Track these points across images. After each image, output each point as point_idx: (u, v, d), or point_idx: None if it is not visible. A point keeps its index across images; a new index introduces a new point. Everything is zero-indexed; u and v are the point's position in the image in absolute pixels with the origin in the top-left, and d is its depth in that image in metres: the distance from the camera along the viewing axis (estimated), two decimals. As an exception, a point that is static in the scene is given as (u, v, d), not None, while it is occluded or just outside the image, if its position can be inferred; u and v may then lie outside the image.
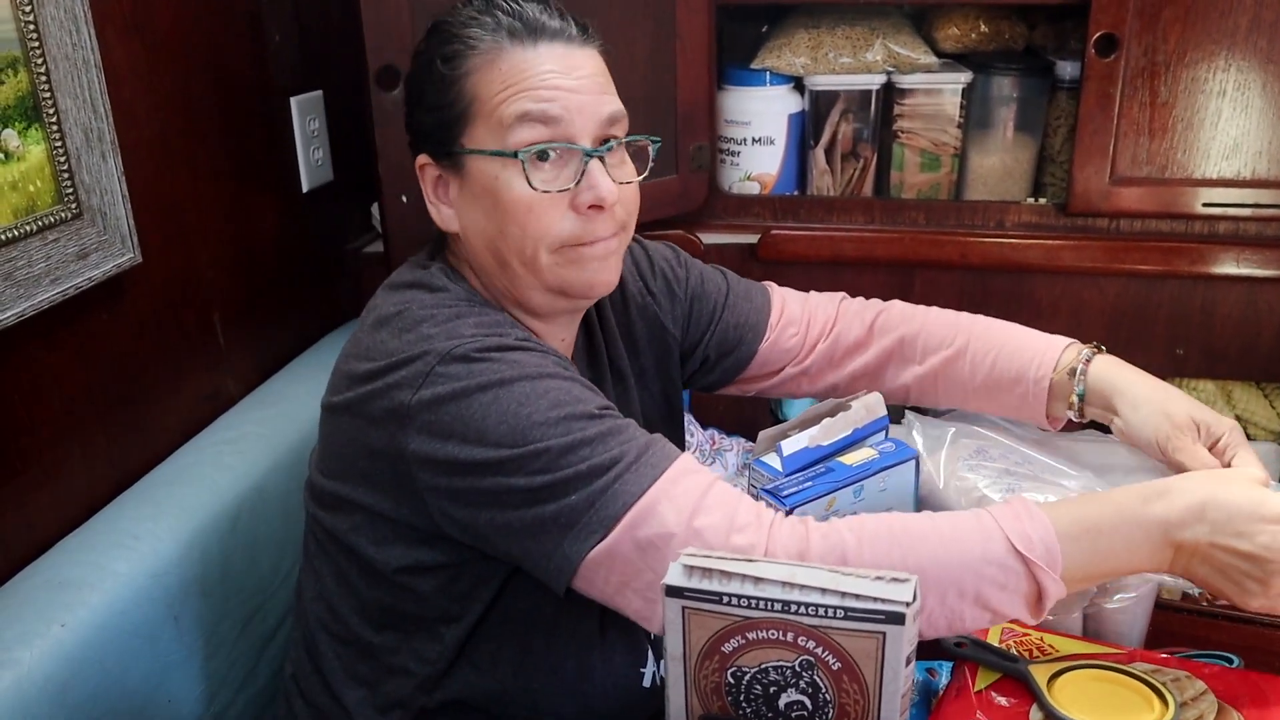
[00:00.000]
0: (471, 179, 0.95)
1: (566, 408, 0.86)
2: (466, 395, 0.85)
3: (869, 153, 1.72)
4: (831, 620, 0.75)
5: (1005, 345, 1.14)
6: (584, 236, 0.95)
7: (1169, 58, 1.50)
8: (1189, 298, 1.61)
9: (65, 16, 1.07)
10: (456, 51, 0.94)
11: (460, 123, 0.94)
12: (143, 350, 1.24)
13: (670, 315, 1.18)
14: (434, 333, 0.89)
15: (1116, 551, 0.85)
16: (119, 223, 1.16)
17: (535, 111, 0.91)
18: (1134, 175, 1.57)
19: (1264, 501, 0.84)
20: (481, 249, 0.97)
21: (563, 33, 0.95)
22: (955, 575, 0.83)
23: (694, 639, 0.79)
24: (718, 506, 0.85)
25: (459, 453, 0.85)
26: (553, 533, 0.84)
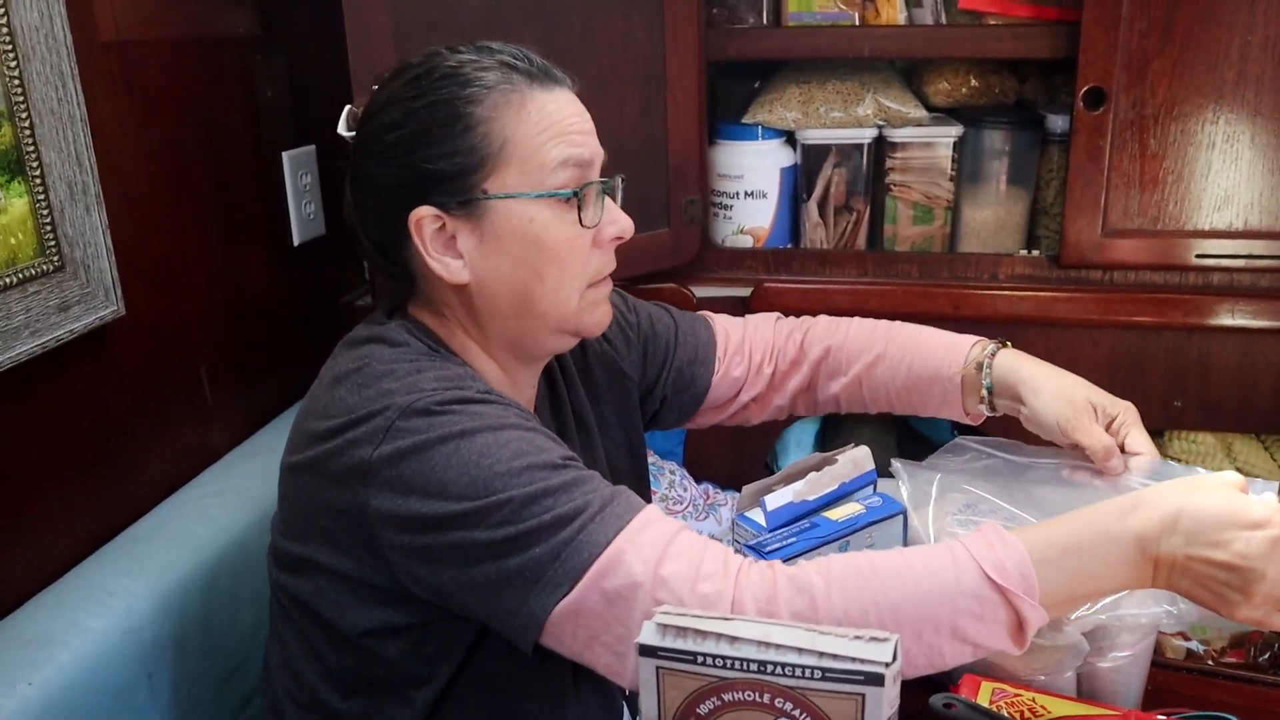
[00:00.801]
0: (497, 225, 0.92)
1: (529, 458, 0.85)
2: (427, 449, 0.84)
3: (862, 206, 1.73)
4: (809, 681, 0.73)
5: (919, 347, 1.19)
6: (605, 270, 0.98)
7: (1157, 110, 1.51)
8: (1184, 350, 1.60)
9: (51, 73, 1.07)
10: (475, 95, 0.91)
11: (485, 167, 0.91)
12: (126, 403, 1.24)
13: (627, 360, 1.18)
14: (394, 387, 0.88)
15: (1094, 571, 0.82)
16: (102, 275, 1.16)
17: (574, 156, 0.94)
18: (1126, 227, 1.57)
19: (1237, 507, 0.82)
20: (502, 297, 0.94)
21: (566, 80, 0.98)
22: (930, 611, 0.81)
23: (669, 699, 0.77)
24: (683, 554, 0.83)
25: (421, 508, 0.83)
26: (518, 587, 0.82)
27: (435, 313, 0.99)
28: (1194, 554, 0.81)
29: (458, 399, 0.87)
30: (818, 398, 1.25)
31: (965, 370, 1.15)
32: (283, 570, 0.96)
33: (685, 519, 1.61)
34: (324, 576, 0.91)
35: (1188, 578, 0.82)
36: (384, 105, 0.94)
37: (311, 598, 0.93)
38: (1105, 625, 0.95)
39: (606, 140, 1.50)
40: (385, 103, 0.94)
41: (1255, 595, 0.80)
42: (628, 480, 1.13)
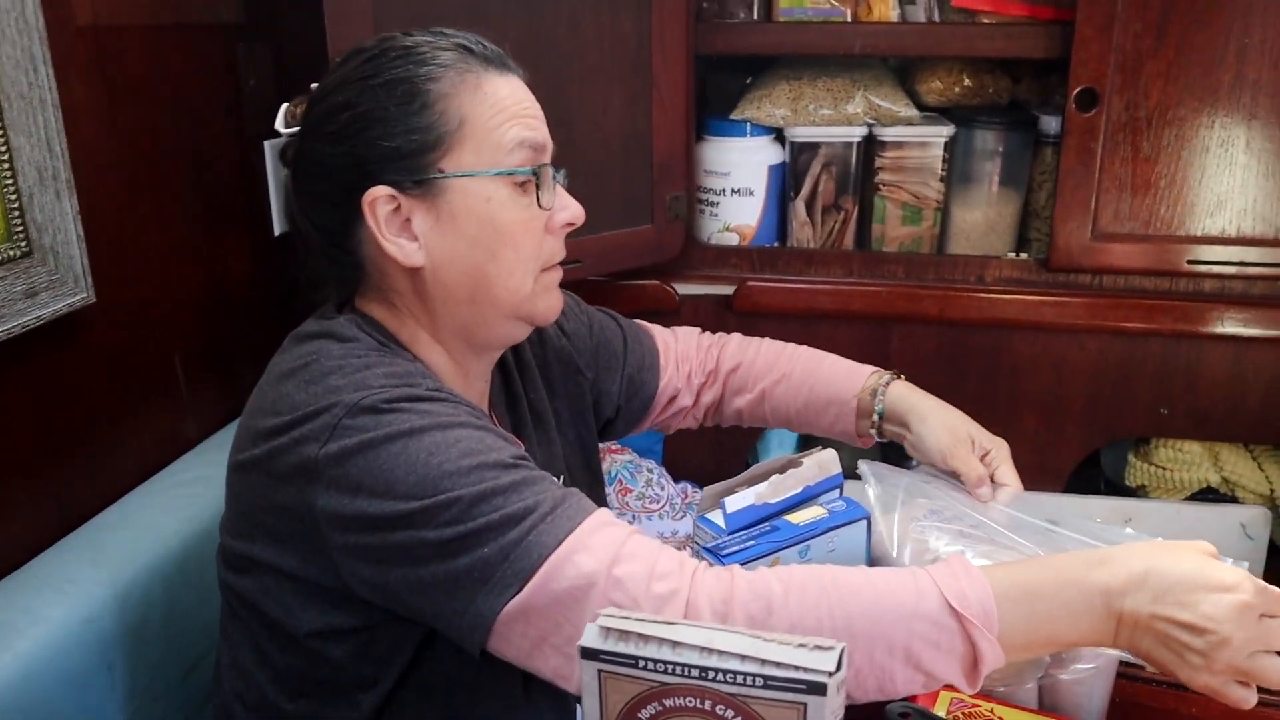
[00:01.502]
0: (453, 204, 0.92)
1: (478, 456, 0.83)
2: (375, 447, 0.83)
3: (850, 205, 1.71)
4: (750, 689, 0.72)
5: (820, 371, 1.26)
6: (557, 256, 0.98)
7: (1151, 113, 1.49)
8: (1173, 357, 1.58)
9: (22, 56, 1.07)
10: (431, 73, 0.91)
11: (441, 145, 0.91)
12: (96, 390, 1.23)
13: (583, 358, 1.19)
14: (342, 384, 0.86)
15: (1056, 617, 0.81)
16: (72, 262, 1.15)
17: (530, 139, 0.94)
18: (1117, 231, 1.55)
19: (1206, 571, 0.81)
20: (458, 279, 0.94)
21: (518, 69, 0.98)
22: (885, 629, 0.79)
23: (611, 703, 0.76)
24: (638, 555, 0.82)
25: (368, 507, 0.82)
26: (466, 588, 0.81)
27: (385, 303, 0.97)
28: (1159, 613, 0.79)
29: (407, 396, 0.86)
30: (724, 411, 1.31)
31: (861, 396, 1.21)
32: (230, 570, 0.95)
33: (662, 517, 1.60)
34: (270, 576, 0.90)
35: (1150, 636, 0.80)
36: (336, 86, 0.93)
37: (258, 598, 0.92)
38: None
39: (591, 134, 1.49)
40: (338, 84, 0.93)
41: (1217, 661, 0.79)
42: (581, 478, 1.12)
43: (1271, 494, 1.62)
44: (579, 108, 1.48)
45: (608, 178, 1.53)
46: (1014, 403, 1.64)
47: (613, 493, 1.58)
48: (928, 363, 1.65)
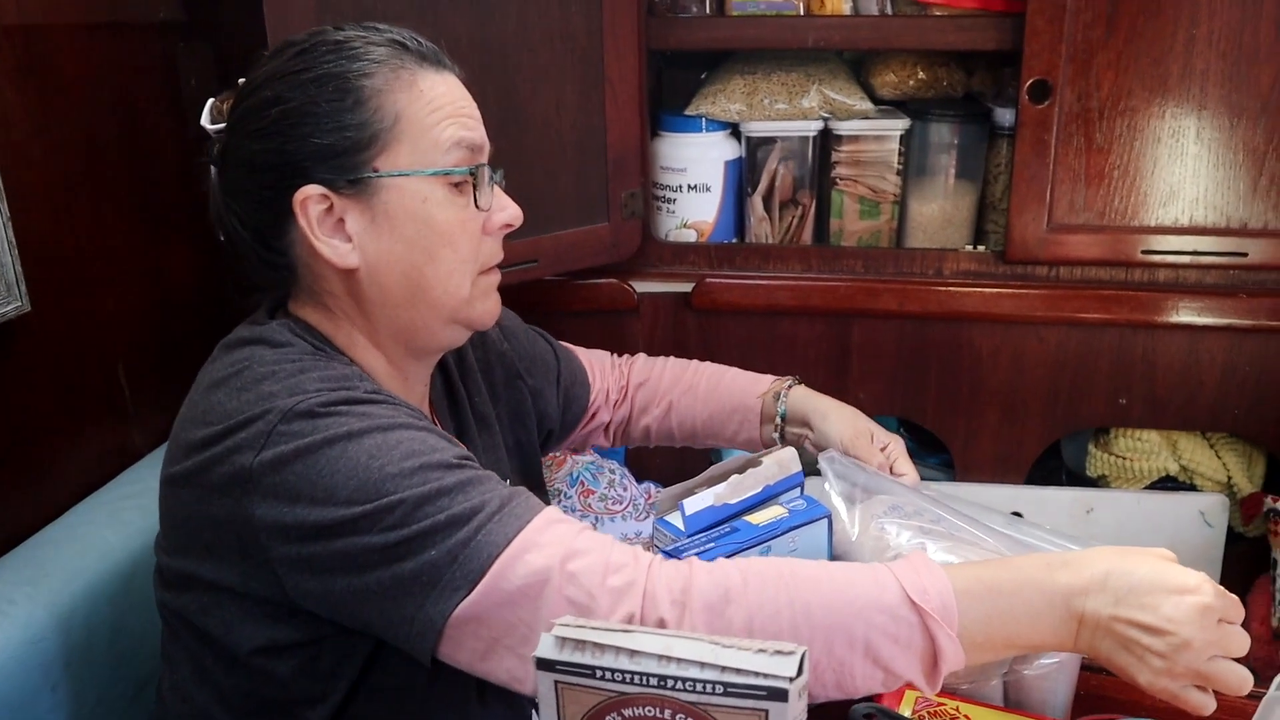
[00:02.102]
0: (388, 204, 0.89)
1: (421, 457, 0.81)
2: (312, 452, 0.80)
3: (808, 200, 1.70)
4: (710, 696, 0.70)
5: (722, 382, 1.30)
6: (496, 258, 0.97)
7: (1103, 104, 1.49)
8: (1130, 346, 1.59)
9: (-55, 57, 1.03)
10: (364, 69, 0.88)
11: (375, 143, 0.88)
12: (34, 403, 1.19)
13: (523, 363, 1.18)
14: (275, 390, 0.83)
15: (1017, 616, 0.80)
16: (4, 270, 1.11)
17: (467, 138, 0.92)
18: (1072, 222, 1.55)
19: (1168, 574, 0.80)
20: (394, 281, 0.91)
21: (454, 67, 0.96)
22: (844, 621, 0.78)
23: (569, 714, 0.74)
24: (591, 550, 0.80)
25: (308, 515, 0.79)
26: (414, 593, 0.78)
27: (319, 305, 0.94)
28: (1120, 614, 0.79)
29: (344, 399, 0.83)
30: (632, 430, 1.34)
31: (764, 400, 1.25)
32: (167, 589, 0.92)
33: (625, 519, 1.58)
34: (209, 593, 0.87)
35: (1110, 639, 0.80)
36: (265, 81, 0.89)
37: (198, 616, 0.88)
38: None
39: (544, 132, 1.47)
40: (266, 78, 0.89)
41: (1177, 664, 0.78)
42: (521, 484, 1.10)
43: (1229, 481, 1.63)
44: (530, 105, 1.45)
45: (562, 176, 1.51)
46: (975, 395, 1.64)
47: (574, 494, 1.56)
48: (888, 357, 1.65)
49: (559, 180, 1.51)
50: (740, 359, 1.66)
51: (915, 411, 1.68)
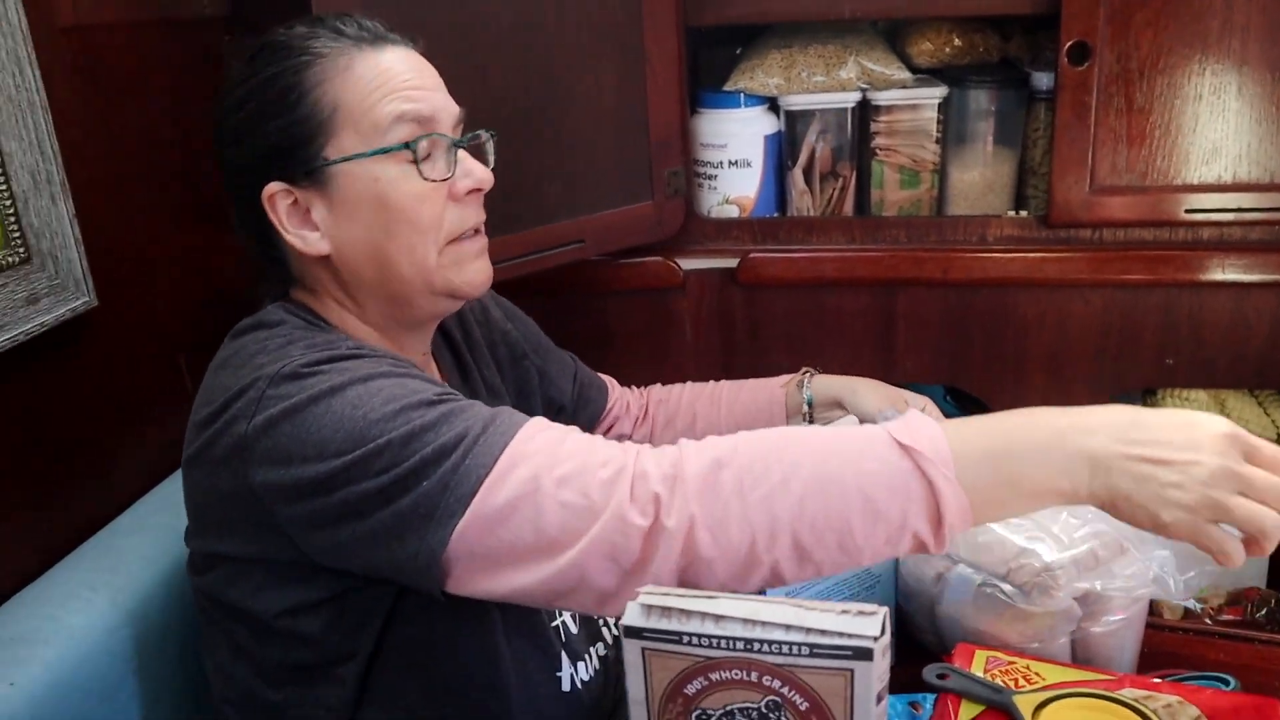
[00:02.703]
0: (344, 190, 0.93)
1: (401, 400, 0.83)
2: (300, 411, 0.82)
3: (848, 171, 1.70)
4: (797, 658, 0.72)
5: (743, 389, 1.34)
6: (466, 223, 0.97)
7: (1142, 64, 1.48)
8: (1176, 306, 1.58)
9: (7, 58, 1.05)
10: (303, 63, 0.92)
11: (321, 134, 0.92)
12: (103, 395, 1.22)
13: (529, 344, 1.23)
14: (265, 360, 0.87)
15: (1020, 454, 0.76)
16: (71, 266, 1.13)
17: (410, 111, 0.93)
18: (1114, 184, 1.55)
19: (1181, 413, 0.77)
20: (363, 263, 0.95)
21: (399, 40, 0.97)
22: (835, 472, 0.77)
23: (656, 681, 0.76)
24: (576, 453, 0.80)
25: (304, 472, 0.81)
26: (415, 527, 0.80)
27: (311, 292, 0.99)
28: (1132, 452, 0.75)
29: (327, 358, 0.86)
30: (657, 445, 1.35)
31: (788, 390, 1.29)
32: (196, 573, 0.96)
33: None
34: (232, 566, 0.91)
35: (1127, 476, 0.74)
36: (230, 89, 0.95)
37: (225, 592, 0.92)
38: (1097, 591, 0.94)
39: (586, 114, 1.48)
40: (230, 87, 0.95)
41: (1193, 491, 0.73)
42: None
43: (1278, 438, 1.63)
44: (571, 87, 1.46)
45: (604, 156, 1.52)
46: (1021, 360, 1.64)
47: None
48: (933, 325, 1.65)
49: (601, 160, 1.52)
50: (786, 332, 1.69)
51: (962, 378, 1.68)
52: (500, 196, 1.43)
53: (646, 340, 1.72)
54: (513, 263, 1.44)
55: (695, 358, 1.73)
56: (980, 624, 0.98)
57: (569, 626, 1.03)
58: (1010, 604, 0.95)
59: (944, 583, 1.01)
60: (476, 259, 0.99)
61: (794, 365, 1.71)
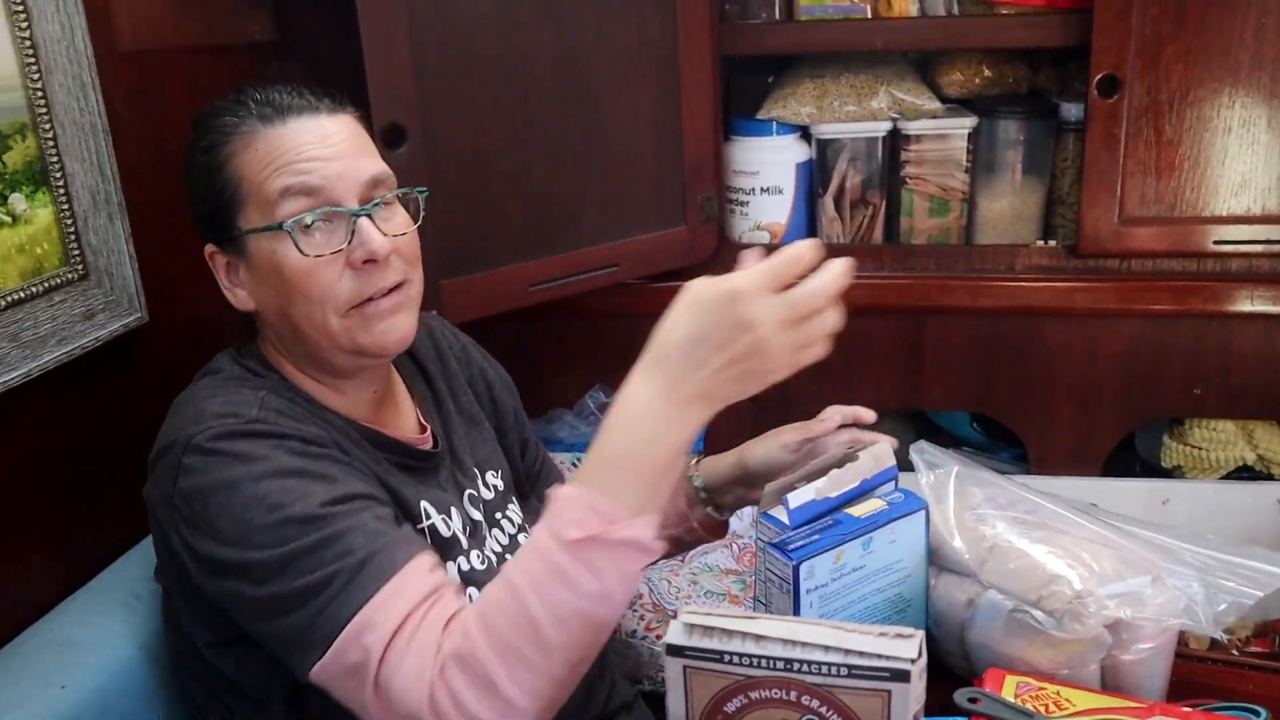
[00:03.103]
0: (253, 258, 0.98)
1: (284, 510, 0.86)
2: (205, 495, 0.88)
3: (878, 199, 1.73)
4: (835, 678, 0.73)
5: None
6: (365, 292, 0.97)
7: (1172, 96, 1.50)
8: (1204, 337, 1.60)
9: (73, 84, 1.09)
10: (214, 142, 0.98)
11: (232, 207, 0.97)
12: (151, 408, 1.23)
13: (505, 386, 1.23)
14: (183, 421, 0.93)
15: (646, 449, 0.82)
16: (126, 283, 1.17)
17: (296, 185, 0.95)
18: (1143, 215, 1.57)
19: (713, 306, 0.83)
20: (276, 322, 1.00)
21: (310, 107, 0.99)
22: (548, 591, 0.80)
23: (696, 699, 0.78)
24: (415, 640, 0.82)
25: (207, 549, 0.88)
26: (284, 644, 0.87)
27: (261, 337, 1.05)
28: (715, 369, 0.81)
29: (229, 431, 0.90)
30: None
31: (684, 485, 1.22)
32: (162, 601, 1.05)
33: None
34: (175, 596, 0.98)
35: (727, 386, 0.82)
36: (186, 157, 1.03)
37: (172, 618, 1.01)
38: (1127, 619, 0.96)
39: (622, 140, 1.51)
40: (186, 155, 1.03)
41: (775, 357, 0.81)
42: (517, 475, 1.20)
43: (1307, 470, 1.64)
44: (609, 113, 1.49)
45: (640, 181, 1.55)
46: (1049, 389, 1.66)
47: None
48: (961, 353, 1.67)
49: (637, 186, 1.55)
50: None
51: (989, 406, 1.70)
52: (537, 220, 1.46)
53: (676, 363, 1.74)
54: (549, 286, 1.47)
55: (724, 380, 1.74)
56: (1011, 650, 0.99)
57: None
58: (1041, 630, 0.96)
59: (974, 608, 1.02)
60: (388, 318, 0.98)
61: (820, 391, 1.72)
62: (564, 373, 1.75)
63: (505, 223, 1.44)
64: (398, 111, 1.29)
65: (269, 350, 1.04)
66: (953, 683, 0.96)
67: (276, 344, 1.03)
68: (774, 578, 0.96)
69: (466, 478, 1.10)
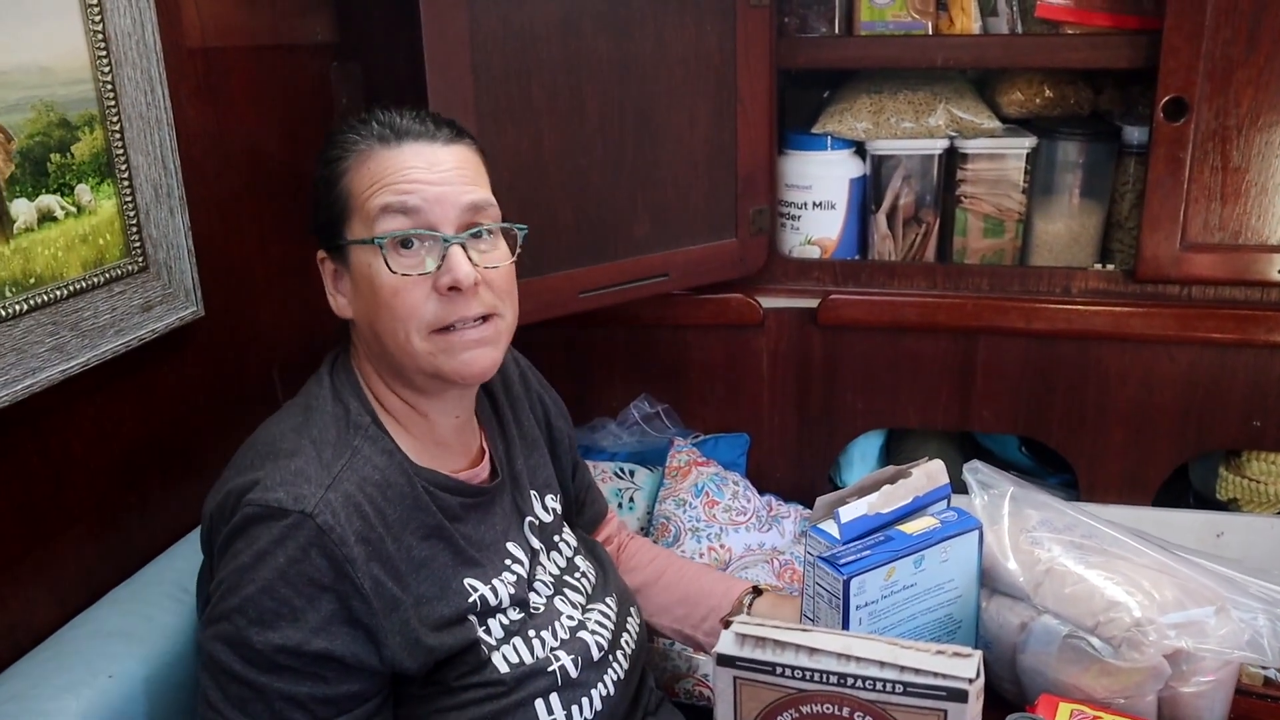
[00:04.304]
0: (353, 269, 1.01)
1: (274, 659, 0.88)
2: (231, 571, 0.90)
3: (931, 218, 1.71)
4: (890, 695, 0.72)
5: (699, 577, 1.28)
6: (448, 318, 0.99)
7: (1241, 121, 1.47)
8: (1266, 368, 1.56)
9: (141, 78, 1.10)
10: (336, 156, 1.03)
11: (342, 218, 1.02)
12: (202, 401, 1.26)
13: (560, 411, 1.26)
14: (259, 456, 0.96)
15: None
16: (184, 276, 1.18)
17: (395, 203, 0.98)
18: (1205, 241, 1.53)
19: None
20: (367, 333, 1.03)
21: (427, 134, 1.02)
22: None
23: (745, 711, 0.76)
24: None
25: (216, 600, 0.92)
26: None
27: (354, 352, 1.07)
28: None
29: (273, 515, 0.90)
30: None
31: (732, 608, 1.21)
32: None
33: (749, 530, 1.60)
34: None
35: None
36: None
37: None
38: (1188, 650, 0.93)
39: (677, 149, 1.51)
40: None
41: None
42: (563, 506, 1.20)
43: (1368, 508, 1.59)
44: (665, 122, 1.49)
45: (693, 191, 1.54)
46: (1102, 415, 1.63)
47: (699, 504, 1.58)
48: (1013, 375, 1.64)
49: (690, 196, 1.54)
50: (863, 374, 1.69)
51: (1039, 430, 1.67)
52: (590, 227, 1.46)
53: (723, 375, 1.73)
54: (599, 293, 1.47)
55: (770, 396, 1.73)
56: (1064, 675, 0.97)
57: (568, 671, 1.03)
58: (1097, 658, 0.94)
59: (1028, 632, 1.00)
60: (471, 349, 1.00)
61: (869, 407, 1.72)
62: (609, 381, 1.75)
63: (558, 229, 1.44)
64: (455, 114, 1.29)
65: (360, 364, 1.06)
66: (1003, 708, 0.94)
67: (368, 357, 1.05)
68: (823, 592, 0.94)
69: (526, 503, 1.13)
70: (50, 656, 0.99)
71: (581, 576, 1.14)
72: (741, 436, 1.74)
